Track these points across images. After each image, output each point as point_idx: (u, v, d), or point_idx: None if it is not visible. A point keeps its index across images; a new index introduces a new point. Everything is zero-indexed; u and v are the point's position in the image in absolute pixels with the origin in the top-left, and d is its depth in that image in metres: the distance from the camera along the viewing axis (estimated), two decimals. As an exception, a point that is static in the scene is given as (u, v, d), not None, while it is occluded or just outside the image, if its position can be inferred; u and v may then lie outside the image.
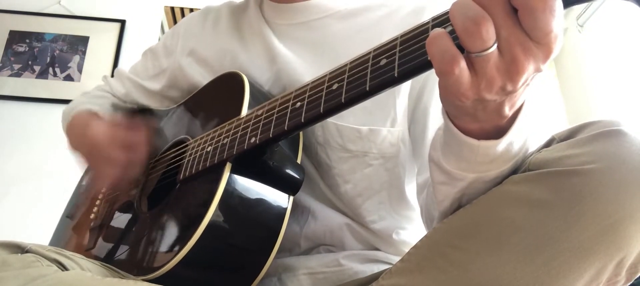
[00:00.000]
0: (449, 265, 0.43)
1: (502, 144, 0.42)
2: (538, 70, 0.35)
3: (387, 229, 0.69)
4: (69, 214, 0.87)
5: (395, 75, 0.40)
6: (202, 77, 0.78)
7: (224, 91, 0.72)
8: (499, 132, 0.42)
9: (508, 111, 0.39)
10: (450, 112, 0.43)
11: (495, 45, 0.33)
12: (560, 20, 0.32)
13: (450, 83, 0.35)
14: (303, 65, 0.69)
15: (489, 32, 0.33)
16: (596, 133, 0.42)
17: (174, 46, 0.86)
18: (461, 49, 0.34)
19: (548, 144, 0.47)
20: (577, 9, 2.52)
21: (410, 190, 0.71)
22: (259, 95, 0.67)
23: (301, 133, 0.66)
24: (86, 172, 0.92)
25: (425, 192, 0.62)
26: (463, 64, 0.34)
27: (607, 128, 0.42)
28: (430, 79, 0.66)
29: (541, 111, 0.45)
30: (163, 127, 0.83)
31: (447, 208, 0.51)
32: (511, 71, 0.34)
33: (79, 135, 0.78)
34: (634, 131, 0.41)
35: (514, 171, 0.46)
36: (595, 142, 0.41)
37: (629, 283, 0.41)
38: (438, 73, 0.36)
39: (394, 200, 0.69)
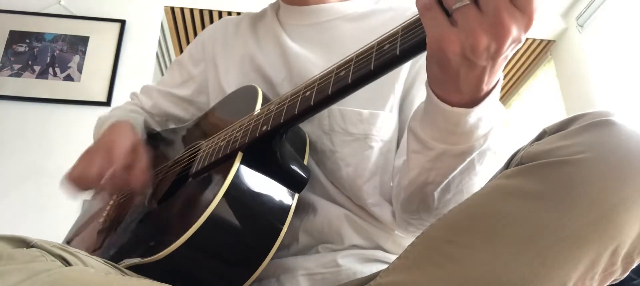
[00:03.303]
0: (445, 259, 0.43)
1: (473, 115, 0.47)
2: (518, 39, 0.39)
3: (388, 213, 0.70)
4: (72, 235, 0.87)
5: (397, 53, 0.45)
6: (225, 83, 0.83)
7: (237, 102, 0.75)
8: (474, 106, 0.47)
9: (487, 80, 0.44)
10: (437, 76, 0.46)
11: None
12: None
13: (429, 24, 0.41)
14: (314, 63, 0.73)
15: None
16: (587, 124, 0.42)
17: (199, 54, 0.91)
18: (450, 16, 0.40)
19: (540, 137, 0.47)
20: (577, 8, 2.52)
21: None
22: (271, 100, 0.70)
23: (308, 137, 0.69)
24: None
25: (399, 175, 0.66)
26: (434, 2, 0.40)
27: (597, 118, 0.42)
28: (421, 73, 0.71)
29: (503, 116, 0.54)
30: (176, 142, 0.85)
31: (415, 177, 0.57)
32: (498, 32, 0.38)
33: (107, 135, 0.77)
34: (625, 121, 0.42)
35: (507, 167, 0.47)
36: (585, 132, 0.42)
37: (626, 274, 0.41)
38: (419, 12, 0.41)
39: (384, 186, 0.71)
